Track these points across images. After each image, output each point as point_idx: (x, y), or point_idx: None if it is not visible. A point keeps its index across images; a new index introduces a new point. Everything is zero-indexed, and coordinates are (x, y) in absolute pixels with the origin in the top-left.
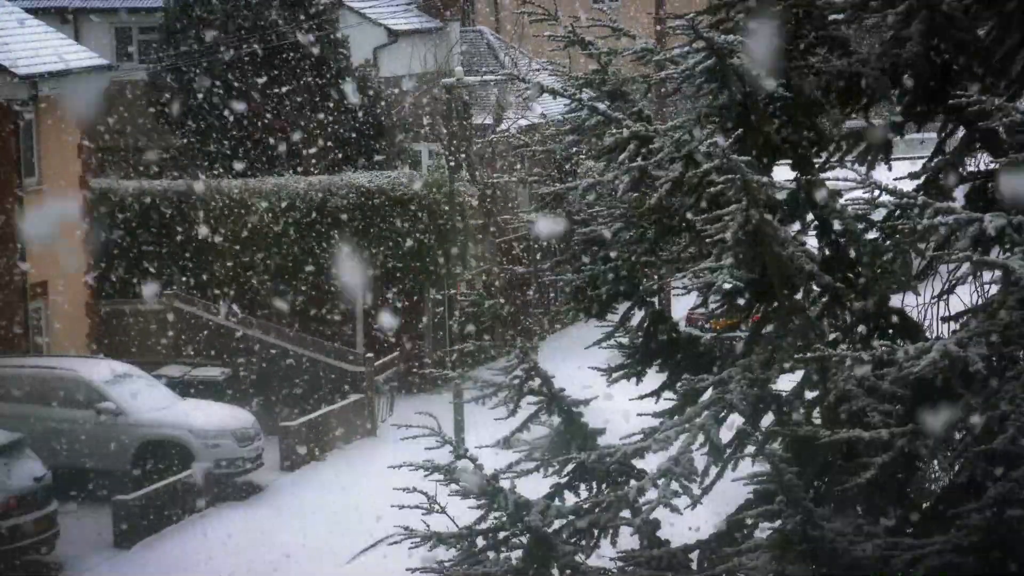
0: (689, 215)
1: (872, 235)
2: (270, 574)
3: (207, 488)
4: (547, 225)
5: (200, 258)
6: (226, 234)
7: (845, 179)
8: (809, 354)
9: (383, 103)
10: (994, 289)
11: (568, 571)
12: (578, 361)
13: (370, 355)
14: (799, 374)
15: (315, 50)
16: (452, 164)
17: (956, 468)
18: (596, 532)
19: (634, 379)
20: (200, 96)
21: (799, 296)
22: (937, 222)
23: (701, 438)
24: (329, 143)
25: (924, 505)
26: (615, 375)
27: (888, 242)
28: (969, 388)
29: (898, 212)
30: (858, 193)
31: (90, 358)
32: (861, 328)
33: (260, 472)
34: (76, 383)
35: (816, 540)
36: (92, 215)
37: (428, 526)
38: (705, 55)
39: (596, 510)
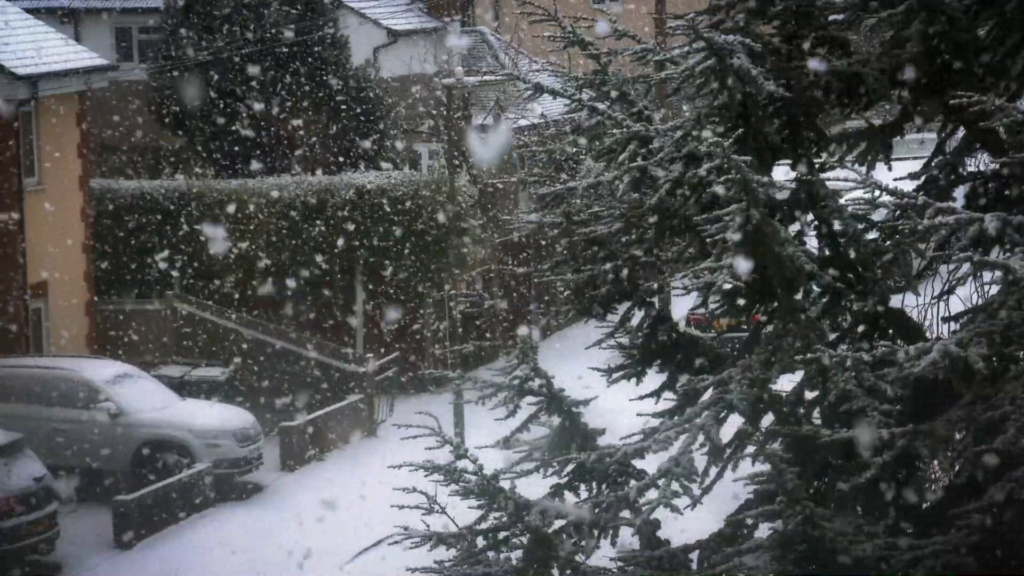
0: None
1: (872, 235)
2: (270, 574)
3: (207, 488)
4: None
5: (200, 258)
6: (226, 234)
7: (845, 179)
8: (809, 354)
9: (383, 103)
10: (994, 289)
11: (568, 571)
12: (578, 361)
13: (370, 355)
14: (799, 374)
15: (315, 50)
16: (453, 163)
17: (956, 468)
18: (596, 532)
19: (634, 379)
20: (199, 96)
21: (799, 296)
22: (937, 222)
23: (701, 438)
24: (329, 143)
25: (924, 505)
26: (615, 375)
27: (888, 242)
28: (969, 388)
29: (898, 212)
30: (858, 193)
31: (90, 358)
32: (861, 328)
33: (260, 472)
34: (76, 383)
35: (816, 540)
36: (92, 215)
37: (428, 526)
38: (705, 55)
39: (596, 510)
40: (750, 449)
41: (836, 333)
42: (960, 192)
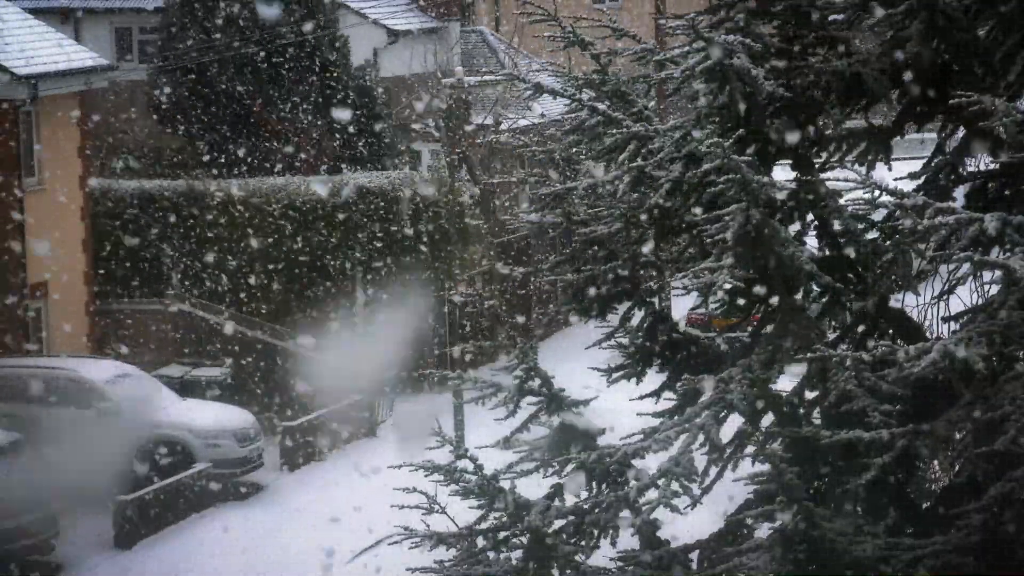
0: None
1: (872, 235)
2: (270, 574)
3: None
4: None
5: (200, 258)
6: (226, 234)
7: (845, 179)
8: (809, 354)
9: (383, 103)
10: (994, 289)
11: (568, 571)
12: (578, 361)
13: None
14: (799, 373)
15: (315, 50)
16: (452, 162)
17: (956, 468)
18: (596, 532)
19: (634, 379)
20: (199, 96)
21: (799, 296)
22: (937, 222)
23: (701, 438)
24: (329, 143)
25: (924, 505)
26: (615, 375)
27: (888, 242)
28: (969, 388)
29: (898, 212)
30: (858, 193)
31: (90, 358)
32: (861, 328)
33: (260, 472)
34: (76, 383)
35: (816, 540)
36: (92, 215)
37: (428, 526)
38: (705, 55)
39: (596, 510)
40: (750, 449)
41: (836, 333)
42: (960, 192)
